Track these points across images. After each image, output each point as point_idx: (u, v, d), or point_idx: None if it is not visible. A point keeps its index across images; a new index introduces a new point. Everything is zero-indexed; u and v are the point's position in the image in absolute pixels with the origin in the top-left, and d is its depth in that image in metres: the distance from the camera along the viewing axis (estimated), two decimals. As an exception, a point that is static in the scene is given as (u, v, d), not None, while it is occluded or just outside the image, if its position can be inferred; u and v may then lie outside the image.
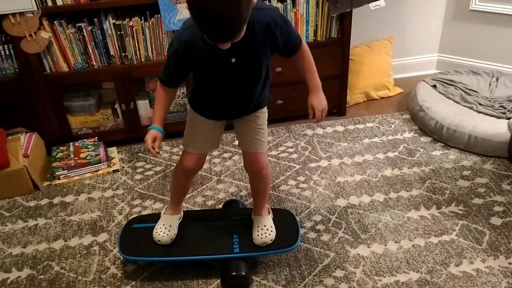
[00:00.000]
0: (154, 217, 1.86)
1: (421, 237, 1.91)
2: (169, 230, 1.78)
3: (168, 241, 1.77)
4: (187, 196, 2.21)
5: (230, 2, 1.16)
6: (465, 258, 1.80)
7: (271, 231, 1.78)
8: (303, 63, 1.56)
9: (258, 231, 1.78)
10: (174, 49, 1.43)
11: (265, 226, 1.78)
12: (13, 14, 2.18)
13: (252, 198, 1.90)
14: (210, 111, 1.62)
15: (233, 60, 1.42)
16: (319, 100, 1.59)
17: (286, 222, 1.86)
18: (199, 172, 2.36)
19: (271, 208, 1.89)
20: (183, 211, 1.88)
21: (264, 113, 1.67)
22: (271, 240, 1.77)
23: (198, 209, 2.13)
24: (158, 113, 1.59)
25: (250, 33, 1.35)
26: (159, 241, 1.77)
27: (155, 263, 1.83)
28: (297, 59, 1.55)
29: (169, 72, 1.51)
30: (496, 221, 1.97)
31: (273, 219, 1.84)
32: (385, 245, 1.88)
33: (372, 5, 2.57)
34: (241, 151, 1.77)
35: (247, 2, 1.20)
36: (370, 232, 1.95)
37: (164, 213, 1.83)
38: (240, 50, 1.39)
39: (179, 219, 1.84)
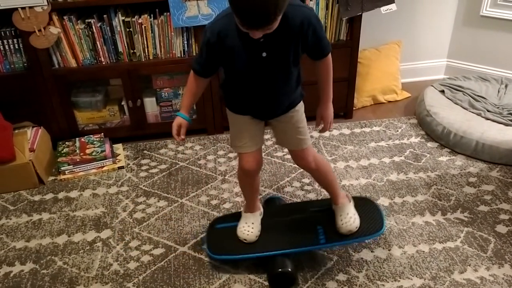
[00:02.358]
0: (235, 216, 1.87)
1: (425, 243, 1.90)
2: (252, 228, 1.79)
3: (254, 238, 1.78)
4: (192, 194, 2.21)
5: None
6: (469, 265, 1.79)
7: (355, 218, 1.77)
8: (326, 71, 1.57)
9: (341, 220, 1.77)
10: (207, 38, 1.44)
11: (347, 214, 1.77)
12: (23, 9, 2.19)
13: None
14: (243, 106, 1.62)
15: (264, 54, 1.43)
16: (330, 112, 1.65)
17: (368, 209, 1.84)
18: (204, 171, 2.38)
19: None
20: (263, 207, 1.89)
21: (297, 111, 1.65)
22: (356, 227, 1.75)
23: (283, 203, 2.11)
24: (186, 100, 1.61)
25: (283, 28, 1.35)
26: (245, 239, 1.77)
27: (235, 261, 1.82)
28: (321, 65, 1.56)
29: (201, 61, 1.52)
30: (501, 229, 1.96)
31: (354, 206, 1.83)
32: (389, 250, 1.87)
33: (383, 9, 2.56)
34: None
35: None
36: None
37: (244, 212, 1.84)
38: (271, 44, 1.40)
39: (260, 215, 1.84)
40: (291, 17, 1.37)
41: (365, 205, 1.87)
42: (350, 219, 1.76)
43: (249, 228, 1.79)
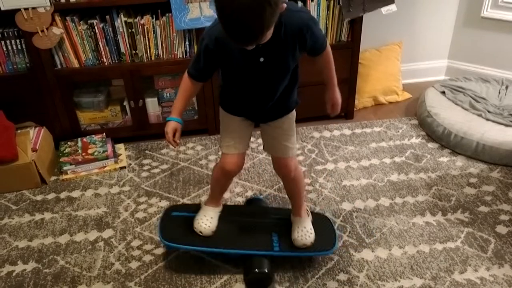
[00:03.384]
0: (193, 207, 1.88)
1: (426, 243, 1.91)
2: (210, 222, 1.80)
3: (209, 233, 1.79)
4: (193, 194, 2.23)
5: (253, 9, 1.16)
6: (469, 265, 1.80)
7: (311, 233, 1.78)
8: (327, 62, 1.60)
9: (298, 232, 1.78)
10: (205, 44, 1.45)
11: (305, 227, 1.79)
12: (26, 9, 2.20)
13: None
14: (238, 108, 1.64)
15: (261, 59, 1.44)
16: (338, 95, 1.67)
17: (323, 226, 1.86)
18: (206, 171, 2.39)
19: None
20: (223, 205, 1.90)
21: (290, 118, 1.67)
22: (311, 242, 1.77)
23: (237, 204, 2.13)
24: (179, 104, 1.60)
25: (280, 34, 1.36)
26: (200, 232, 1.78)
27: (188, 251, 1.85)
28: (321, 58, 1.58)
29: (198, 66, 1.52)
30: (501, 229, 1.96)
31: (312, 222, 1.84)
32: (390, 250, 1.88)
33: (384, 9, 2.58)
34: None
35: (271, 10, 1.19)
36: (375, 236, 1.95)
37: (205, 204, 1.85)
38: (269, 50, 1.41)
39: (219, 212, 1.86)
40: (288, 24, 1.38)
41: (321, 223, 1.88)
42: (306, 233, 1.77)
43: (207, 221, 1.80)
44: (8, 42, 2.31)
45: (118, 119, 2.65)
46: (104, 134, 2.57)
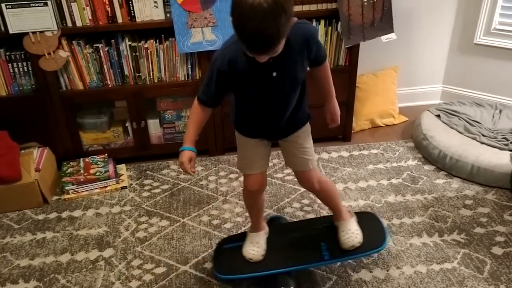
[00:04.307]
0: (242, 236, 1.90)
1: (423, 264, 1.93)
2: (258, 247, 1.82)
3: (259, 258, 1.80)
4: (193, 214, 2.25)
5: (270, 17, 1.24)
6: (466, 286, 1.82)
7: (357, 233, 1.80)
8: (325, 73, 1.67)
9: (343, 235, 1.79)
10: (217, 66, 1.46)
11: (349, 230, 1.80)
12: (34, 33, 2.27)
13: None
14: (253, 130, 1.68)
15: (274, 74, 1.48)
16: (337, 107, 1.75)
17: (370, 223, 1.87)
18: (206, 191, 2.42)
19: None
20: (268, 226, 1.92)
21: (303, 132, 1.71)
22: (359, 242, 1.78)
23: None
24: (191, 132, 1.59)
25: (290, 47, 1.42)
26: (250, 259, 1.80)
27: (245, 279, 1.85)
28: (321, 70, 1.66)
29: (209, 91, 1.52)
30: (497, 250, 1.99)
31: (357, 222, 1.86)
32: (387, 271, 1.90)
33: (384, 38, 2.65)
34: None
35: (285, 19, 1.27)
36: (373, 257, 1.97)
37: (249, 231, 1.87)
38: (280, 64, 1.46)
39: (265, 234, 1.87)
40: (296, 36, 1.44)
41: (367, 220, 1.90)
42: (352, 234, 1.79)
43: (254, 247, 1.82)
44: (15, 64, 2.37)
45: (120, 140, 2.70)
46: (106, 154, 2.61)
